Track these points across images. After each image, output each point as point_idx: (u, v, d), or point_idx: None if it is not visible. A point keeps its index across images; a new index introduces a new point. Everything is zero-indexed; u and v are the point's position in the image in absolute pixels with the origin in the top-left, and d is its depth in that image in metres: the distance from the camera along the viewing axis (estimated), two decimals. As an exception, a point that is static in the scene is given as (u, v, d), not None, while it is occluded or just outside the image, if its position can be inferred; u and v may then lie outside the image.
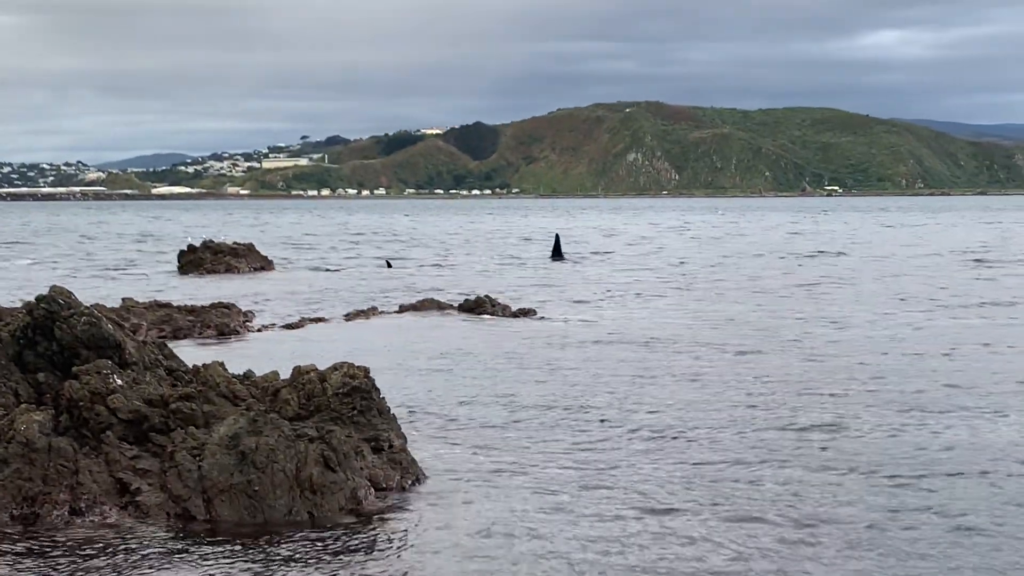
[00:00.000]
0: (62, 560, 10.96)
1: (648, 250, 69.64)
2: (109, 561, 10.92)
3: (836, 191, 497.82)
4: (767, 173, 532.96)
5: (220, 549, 11.27)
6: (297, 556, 11.01)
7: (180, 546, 11.34)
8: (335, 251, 73.14)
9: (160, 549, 11.24)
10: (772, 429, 16.37)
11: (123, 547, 11.28)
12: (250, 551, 11.17)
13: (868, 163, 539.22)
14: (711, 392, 19.44)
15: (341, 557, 10.99)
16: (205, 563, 10.88)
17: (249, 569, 10.70)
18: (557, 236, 64.12)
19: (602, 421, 17.08)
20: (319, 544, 11.36)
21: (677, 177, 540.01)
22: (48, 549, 11.29)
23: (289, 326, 29.92)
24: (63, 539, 11.55)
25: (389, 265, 55.34)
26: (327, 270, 54.28)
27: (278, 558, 10.97)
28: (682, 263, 55.64)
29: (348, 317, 31.84)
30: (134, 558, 11.02)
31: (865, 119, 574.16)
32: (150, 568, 10.77)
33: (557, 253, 59.22)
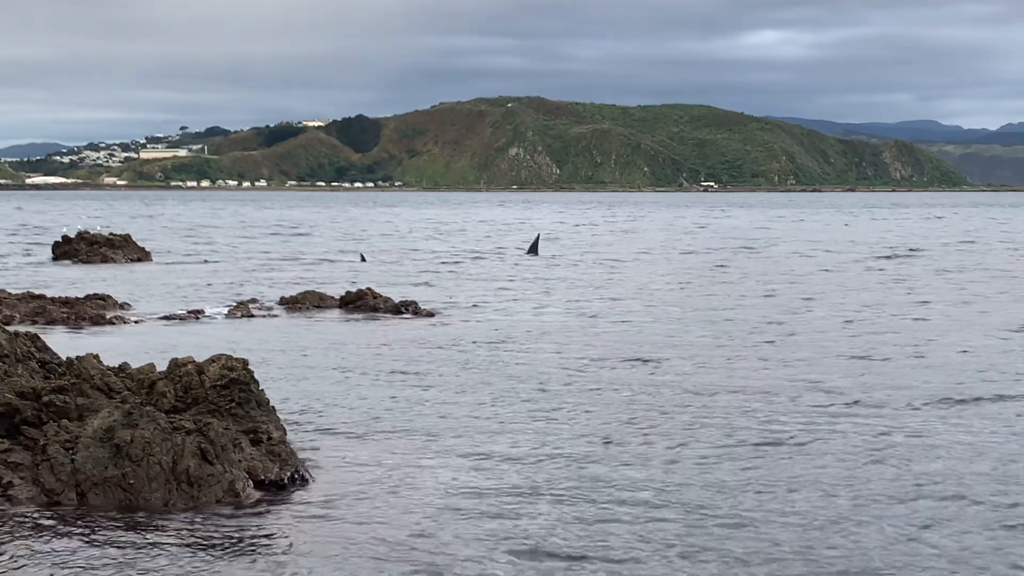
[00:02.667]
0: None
1: (600, 245, 68.99)
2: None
3: (712, 186, 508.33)
4: (645, 168, 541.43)
5: (91, 537, 11.19)
6: (171, 548, 10.96)
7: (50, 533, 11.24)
8: (216, 242, 72.12)
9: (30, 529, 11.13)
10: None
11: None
12: (122, 542, 11.11)
13: (742, 159, 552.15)
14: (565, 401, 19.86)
15: (216, 548, 10.99)
16: (75, 550, 10.82)
17: (120, 557, 10.66)
18: (538, 235, 65.74)
19: (460, 406, 17.39)
20: (194, 536, 11.32)
21: (558, 172, 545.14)
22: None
23: (167, 318, 29.51)
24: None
25: (363, 259, 54.98)
26: (206, 261, 53.48)
27: (150, 549, 10.92)
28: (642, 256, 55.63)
29: (228, 308, 31.52)
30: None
31: (739, 116, 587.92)
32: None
33: (534, 250, 60.41)
